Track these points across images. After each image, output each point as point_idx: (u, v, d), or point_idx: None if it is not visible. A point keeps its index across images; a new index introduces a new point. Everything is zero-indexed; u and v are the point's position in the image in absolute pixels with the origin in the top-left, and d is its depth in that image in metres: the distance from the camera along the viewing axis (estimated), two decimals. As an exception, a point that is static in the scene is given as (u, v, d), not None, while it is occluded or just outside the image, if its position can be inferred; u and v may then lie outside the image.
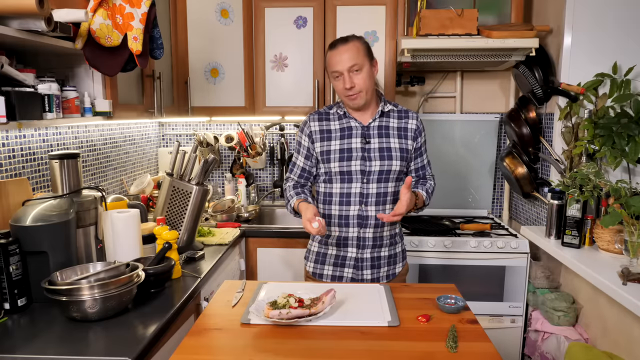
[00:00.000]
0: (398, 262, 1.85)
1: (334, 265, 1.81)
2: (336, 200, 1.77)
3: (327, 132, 1.78)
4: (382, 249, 1.80)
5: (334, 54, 1.69)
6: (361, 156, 1.73)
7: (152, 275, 1.52)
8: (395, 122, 1.78)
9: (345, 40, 1.69)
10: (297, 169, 1.86)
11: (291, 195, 1.81)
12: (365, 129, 1.76)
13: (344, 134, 1.76)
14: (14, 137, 1.71)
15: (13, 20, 1.28)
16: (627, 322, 1.74)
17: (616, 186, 1.83)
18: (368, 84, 1.70)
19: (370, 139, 1.75)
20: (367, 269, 1.79)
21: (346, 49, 1.67)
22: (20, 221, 1.41)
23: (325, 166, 1.78)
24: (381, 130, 1.76)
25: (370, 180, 1.73)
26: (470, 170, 2.99)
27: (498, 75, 2.98)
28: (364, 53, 1.69)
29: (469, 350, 1.18)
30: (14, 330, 1.29)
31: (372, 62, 1.72)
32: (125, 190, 2.55)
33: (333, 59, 1.70)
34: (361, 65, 1.67)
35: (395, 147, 1.75)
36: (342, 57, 1.67)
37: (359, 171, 1.73)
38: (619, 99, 2.02)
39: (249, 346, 1.21)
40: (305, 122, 1.83)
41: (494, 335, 2.47)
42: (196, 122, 3.09)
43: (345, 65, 1.67)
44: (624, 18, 2.17)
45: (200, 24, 2.57)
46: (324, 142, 1.78)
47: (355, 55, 1.66)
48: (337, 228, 1.78)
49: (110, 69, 1.63)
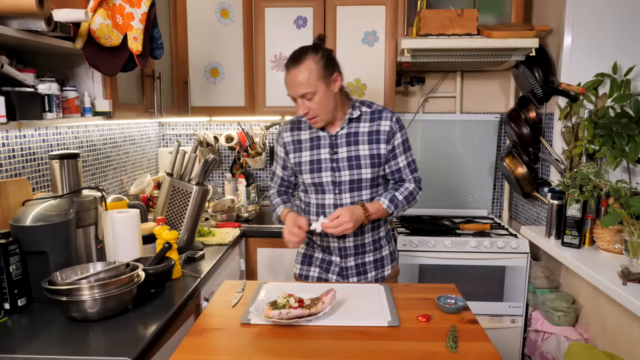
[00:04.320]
0: (386, 265, 1.81)
1: (320, 267, 1.80)
2: (313, 211, 1.74)
3: (299, 143, 1.73)
4: (366, 255, 1.77)
5: (286, 76, 1.59)
6: (330, 167, 1.68)
7: (152, 275, 1.52)
8: (367, 127, 1.68)
9: (298, 61, 1.56)
10: (277, 179, 1.84)
11: (277, 202, 1.79)
12: (333, 138, 1.69)
13: (314, 144, 1.71)
14: (14, 137, 1.71)
15: (13, 20, 1.28)
16: (627, 322, 1.74)
17: (616, 186, 1.83)
18: (324, 106, 1.59)
19: (337, 148, 1.68)
20: (352, 277, 1.77)
21: (297, 73, 1.55)
22: (20, 221, 1.41)
23: (300, 177, 1.75)
24: (350, 138, 1.68)
25: (342, 190, 1.68)
26: (470, 170, 2.99)
27: (498, 75, 2.98)
28: (317, 75, 1.55)
29: (469, 350, 1.18)
30: (14, 330, 1.28)
31: (330, 80, 1.59)
32: (125, 190, 2.55)
33: (286, 81, 1.60)
34: (314, 91, 1.56)
35: (365, 155, 1.67)
36: (293, 82, 1.57)
37: (330, 182, 1.69)
38: (619, 99, 2.02)
39: (249, 346, 1.21)
40: (279, 132, 1.79)
41: (494, 335, 2.47)
42: (196, 122, 3.09)
43: (296, 92, 1.57)
44: (624, 18, 2.17)
45: (200, 24, 2.57)
46: (297, 153, 1.73)
47: (306, 81, 1.54)
48: (319, 237, 1.77)
49: (110, 69, 1.63)
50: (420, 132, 2.98)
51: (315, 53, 1.57)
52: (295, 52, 1.60)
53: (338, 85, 1.62)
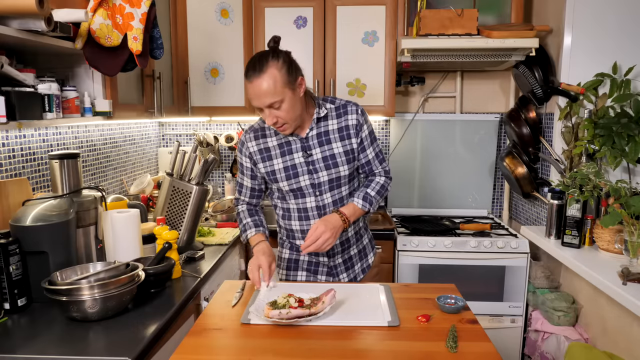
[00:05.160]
0: (368, 252, 1.82)
1: (307, 271, 1.78)
2: (295, 215, 1.70)
3: (267, 151, 1.66)
4: (350, 248, 1.77)
5: (249, 86, 1.51)
6: (307, 170, 1.64)
7: (152, 275, 1.52)
8: (335, 124, 1.65)
9: (260, 70, 1.47)
10: (246, 190, 1.75)
11: (248, 224, 1.70)
12: (304, 140, 1.64)
13: (284, 150, 1.65)
14: (14, 137, 1.71)
15: (13, 20, 1.28)
16: (627, 322, 1.74)
17: (616, 186, 1.83)
18: (292, 113, 1.53)
19: (311, 150, 1.63)
20: (342, 273, 1.77)
21: (260, 82, 1.47)
22: (20, 221, 1.41)
23: (275, 185, 1.69)
24: (321, 138, 1.64)
25: (323, 191, 1.65)
26: (470, 170, 2.99)
27: (498, 75, 2.98)
28: (282, 82, 1.48)
29: (469, 350, 1.18)
30: (14, 330, 1.28)
31: (295, 85, 1.53)
32: (125, 190, 2.55)
33: (249, 91, 1.51)
34: (281, 99, 1.49)
35: (339, 152, 1.64)
36: (258, 93, 1.48)
37: (309, 185, 1.65)
38: (619, 99, 2.02)
39: (249, 346, 1.21)
40: (242, 142, 1.70)
41: (494, 335, 2.47)
42: (196, 122, 3.09)
43: (262, 102, 1.49)
44: (624, 18, 2.17)
45: (200, 24, 2.57)
46: (266, 162, 1.66)
47: (272, 90, 1.47)
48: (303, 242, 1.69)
49: (110, 69, 1.63)
50: (420, 132, 2.98)
51: (276, 59, 1.50)
52: (253, 59, 1.52)
53: (303, 89, 1.57)
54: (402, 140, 2.98)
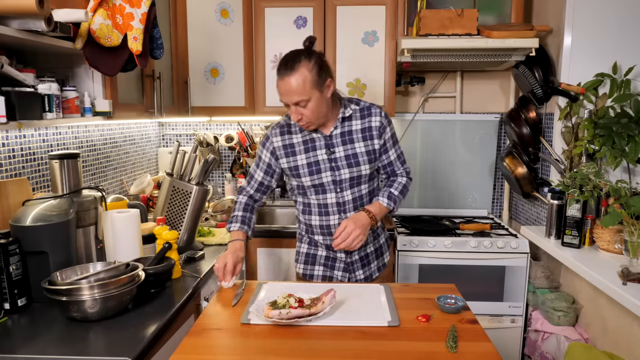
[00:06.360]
0: (385, 251, 1.89)
1: (324, 265, 1.81)
2: (315, 210, 1.76)
3: (291, 147, 1.72)
4: (368, 246, 1.82)
5: (279, 83, 1.57)
6: (329, 167, 1.69)
7: (152, 275, 1.52)
8: (359, 124, 1.71)
9: (292, 68, 1.53)
10: (254, 183, 1.80)
11: (237, 218, 1.74)
12: (328, 138, 1.70)
13: (308, 146, 1.71)
14: (14, 137, 1.71)
15: (13, 20, 1.28)
16: (627, 322, 1.74)
17: (616, 186, 1.83)
18: (317, 112, 1.59)
19: (334, 148, 1.69)
20: (358, 270, 1.81)
21: (290, 80, 1.53)
22: (20, 221, 1.41)
23: (297, 180, 1.74)
24: (344, 137, 1.70)
25: (344, 188, 1.71)
26: (470, 170, 2.99)
27: (498, 75, 2.98)
28: (312, 83, 1.54)
29: (469, 350, 1.18)
30: (14, 330, 1.29)
31: (323, 86, 1.58)
32: (125, 190, 2.55)
33: (279, 88, 1.58)
34: (308, 98, 1.55)
35: (362, 152, 1.70)
36: (287, 89, 1.55)
37: (331, 182, 1.70)
38: (619, 99, 2.02)
39: (249, 346, 1.21)
40: (267, 137, 1.77)
41: (494, 335, 2.47)
42: (196, 122, 3.09)
43: (290, 99, 1.56)
44: (624, 18, 2.17)
45: (200, 24, 2.57)
46: (290, 157, 1.72)
47: (300, 89, 1.53)
48: (321, 237, 1.78)
49: (110, 69, 1.63)
50: (420, 132, 2.98)
51: (308, 59, 1.55)
52: (287, 56, 1.57)
53: (331, 91, 1.62)
54: (402, 140, 2.98)
